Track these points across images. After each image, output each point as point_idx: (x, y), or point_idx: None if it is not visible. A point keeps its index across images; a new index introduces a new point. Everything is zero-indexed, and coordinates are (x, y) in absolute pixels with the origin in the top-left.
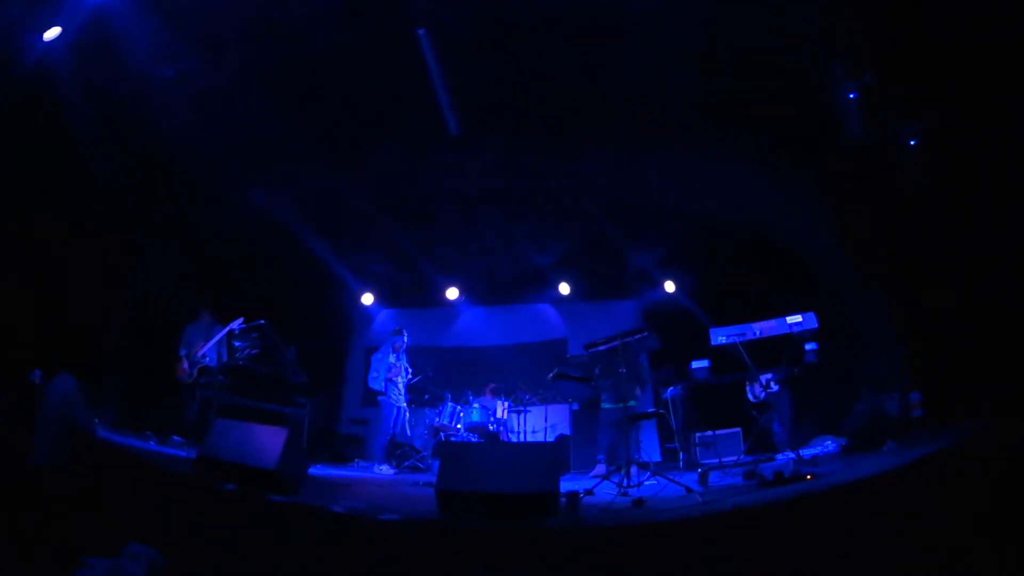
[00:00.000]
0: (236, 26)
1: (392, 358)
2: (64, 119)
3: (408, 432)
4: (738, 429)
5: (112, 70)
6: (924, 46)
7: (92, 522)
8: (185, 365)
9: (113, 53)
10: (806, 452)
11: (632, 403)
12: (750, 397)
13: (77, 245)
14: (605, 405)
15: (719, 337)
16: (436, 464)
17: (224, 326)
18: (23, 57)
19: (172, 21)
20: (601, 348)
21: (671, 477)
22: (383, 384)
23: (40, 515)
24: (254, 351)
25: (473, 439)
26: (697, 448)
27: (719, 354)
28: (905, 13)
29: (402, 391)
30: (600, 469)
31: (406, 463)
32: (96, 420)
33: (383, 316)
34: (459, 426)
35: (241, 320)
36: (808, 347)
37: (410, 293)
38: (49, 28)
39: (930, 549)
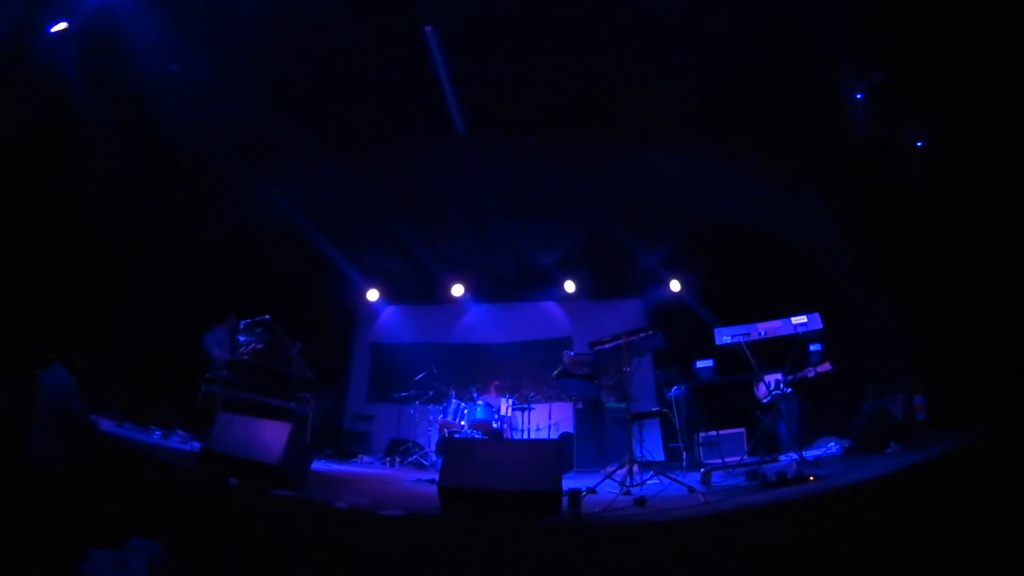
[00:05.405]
0: (243, 23)
1: None
2: (70, 115)
3: None
4: (742, 429)
5: (118, 66)
6: (933, 46)
7: (95, 515)
8: None
9: (119, 49)
10: (810, 453)
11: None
12: (760, 397)
13: (82, 239)
14: (610, 404)
15: (724, 337)
16: (439, 460)
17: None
18: (29, 53)
19: (178, 17)
20: (607, 346)
21: (674, 477)
22: None
23: (42, 508)
24: (259, 346)
25: (477, 436)
26: (701, 448)
27: (724, 354)
28: (915, 13)
29: None
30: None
31: (409, 459)
32: (99, 413)
33: (388, 312)
34: (463, 423)
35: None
36: (812, 348)
37: (415, 290)
38: (55, 23)
39: (932, 552)
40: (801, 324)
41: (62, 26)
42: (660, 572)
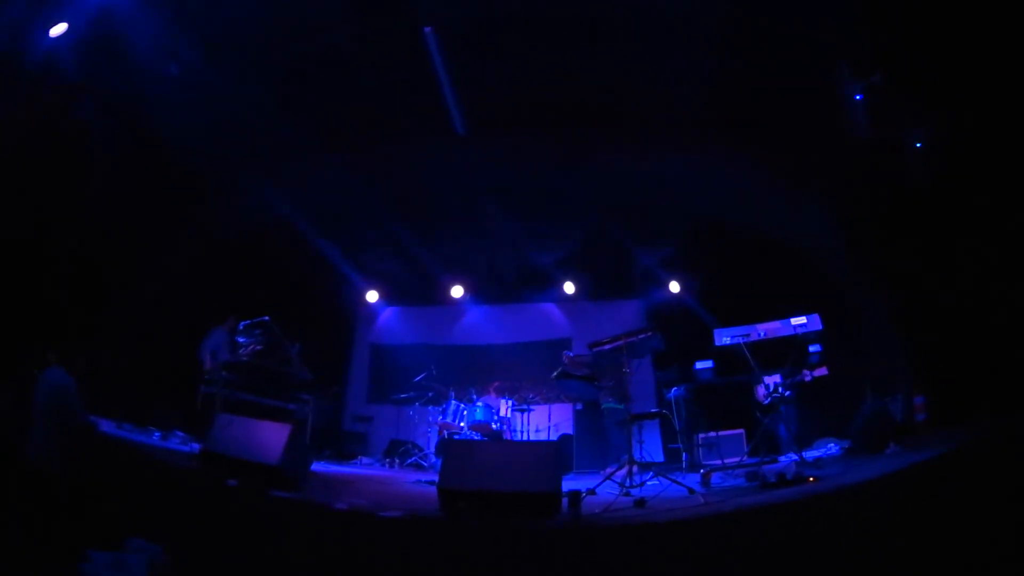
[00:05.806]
0: (242, 24)
1: None
2: (70, 115)
3: None
4: (741, 430)
5: (118, 68)
6: (933, 46)
7: (95, 515)
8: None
9: (119, 51)
10: (809, 454)
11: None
12: (760, 398)
13: (82, 239)
14: (606, 405)
15: (723, 338)
16: (439, 461)
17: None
18: (29, 54)
19: (178, 19)
20: (606, 347)
21: (674, 478)
22: None
23: (42, 509)
24: (258, 347)
25: (476, 437)
26: (700, 449)
27: (723, 355)
28: (914, 13)
29: None
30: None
31: (408, 460)
32: (99, 414)
33: (387, 313)
34: (462, 424)
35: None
36: (812, 349)
37: (415, 291)
38: (55, 25)
39: (932, 552)
40: (801, 325)
41: (62, 27)
42: (660, 573)
